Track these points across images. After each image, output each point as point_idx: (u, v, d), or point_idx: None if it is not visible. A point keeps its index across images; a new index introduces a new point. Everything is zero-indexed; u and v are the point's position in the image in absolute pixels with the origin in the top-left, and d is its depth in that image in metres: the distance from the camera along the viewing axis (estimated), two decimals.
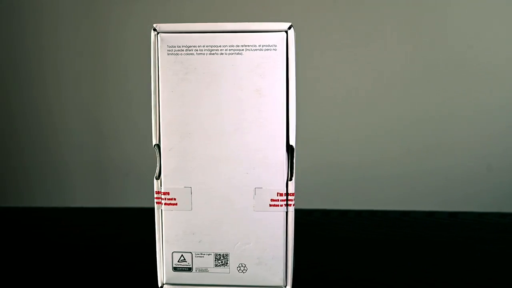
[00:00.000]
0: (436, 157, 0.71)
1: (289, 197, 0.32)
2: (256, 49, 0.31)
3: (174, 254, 0.33)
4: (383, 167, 0.71)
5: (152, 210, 0.33)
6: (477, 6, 0.68)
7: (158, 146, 0.32)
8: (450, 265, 0.41)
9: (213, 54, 0.31)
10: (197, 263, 0.33)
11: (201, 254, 0.33)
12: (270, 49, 0.31)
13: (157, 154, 0.32)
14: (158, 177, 0.32)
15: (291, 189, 0.32)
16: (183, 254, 0.33)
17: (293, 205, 0.32)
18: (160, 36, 0.31)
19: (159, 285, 0.33)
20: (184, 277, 0.33)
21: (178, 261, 0.33)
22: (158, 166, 0.32)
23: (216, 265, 0.33)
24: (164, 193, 0.32)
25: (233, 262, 0.33)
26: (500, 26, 0.68)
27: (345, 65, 0.70)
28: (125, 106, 0.73)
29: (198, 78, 0.31)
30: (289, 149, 0.32)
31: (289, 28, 0.31)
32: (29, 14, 0.72)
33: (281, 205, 0.32)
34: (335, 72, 0.70)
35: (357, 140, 0.71)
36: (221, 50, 0.31)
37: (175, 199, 0.32)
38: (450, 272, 0.39)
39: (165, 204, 0.32)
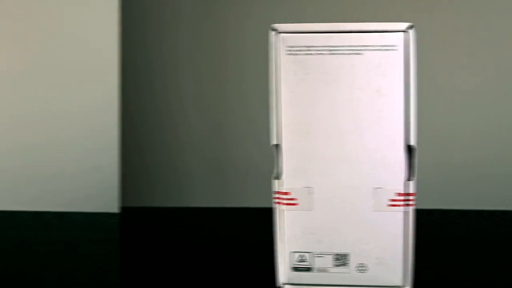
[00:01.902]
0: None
1: (409, 197, 0.32)
2: (375, 49, 0.31)
3: (294, 254, 0.33)
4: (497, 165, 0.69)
5: (269, 210, 0.33)
6: None
7: (277, 145, 0.32)
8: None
9: (332, 54, 0.31)
10: (317, 263, 0.33)
11: (320, 254, 0.33)
12: (390, 49, 0.31)
13: (276, 154, 0.32)
14: (278, 177, 0.33)
15: (411, 189, 0.32)
16: (303, 254, 0.33)
17: (413, 205, 0.32)
18: (279, 36, 0.32)
19: (279, 284, 0.33)
20: (304, 277, 0.33)
21: (298, 261, 0.33)
22: (278, 166, 0.32)
23: (335, 265, 0.33)
24: (284, 193, 0.32)
25: (353, 262, 0.33)
26: None
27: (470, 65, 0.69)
28: (244, 105, 0.72)
29: (317, 78, 0.32)
30: (409, 148, 0.32)
31: (410, 28, 0.31)
32: (152, 15, 0.72)
33: (400, 205, 0.32)
34: (456, 72, 0.68)
35: (475, 137, 0.69)
36: (340, 50, 0.31)
37: (296, 199, 0.32)
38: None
39: (285, 204, 0.32)
